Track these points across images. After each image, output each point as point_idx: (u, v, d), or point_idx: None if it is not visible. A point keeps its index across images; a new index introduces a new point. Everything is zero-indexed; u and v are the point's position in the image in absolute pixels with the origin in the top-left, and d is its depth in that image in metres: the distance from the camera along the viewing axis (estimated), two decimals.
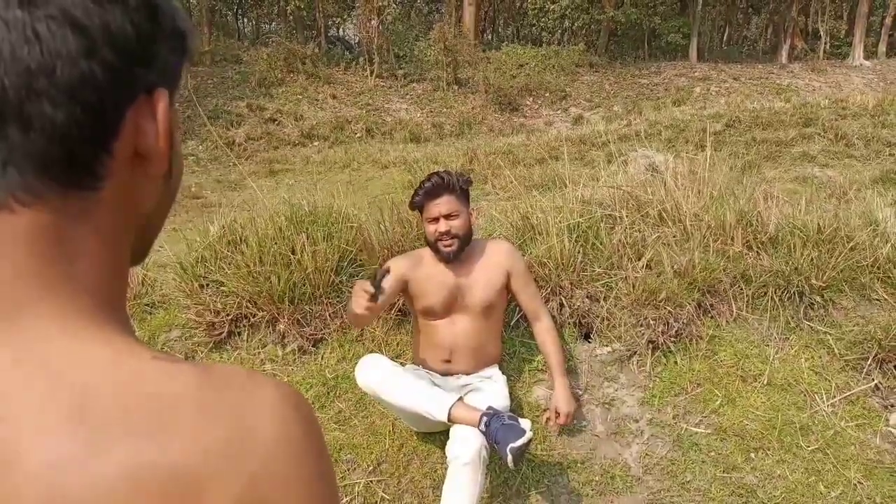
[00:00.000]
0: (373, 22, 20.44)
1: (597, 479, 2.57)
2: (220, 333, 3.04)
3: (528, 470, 2.59)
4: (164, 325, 3.23)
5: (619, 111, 19.87)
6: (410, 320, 2.85)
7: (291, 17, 23.95)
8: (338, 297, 3.09)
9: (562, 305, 3.08)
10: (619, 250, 3.17)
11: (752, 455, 2.66)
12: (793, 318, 3.06)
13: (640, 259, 3.13)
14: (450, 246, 2.37)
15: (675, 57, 26.36)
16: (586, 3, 25.21)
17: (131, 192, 0.50)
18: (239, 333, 3.08)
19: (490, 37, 33.41)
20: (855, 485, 2.52)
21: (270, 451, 0.43)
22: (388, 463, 2.62)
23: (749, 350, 2.98)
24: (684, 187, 3.67)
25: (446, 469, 2.23)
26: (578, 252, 3.17)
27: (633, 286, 3.02)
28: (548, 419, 2.54)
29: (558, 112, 21.32)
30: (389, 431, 2.71)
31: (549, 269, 3.09)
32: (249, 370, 0.49)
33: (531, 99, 21.65)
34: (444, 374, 2.50)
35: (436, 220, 2.37)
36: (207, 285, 3.15)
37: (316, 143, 15.63)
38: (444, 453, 2.28)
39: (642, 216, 3.46)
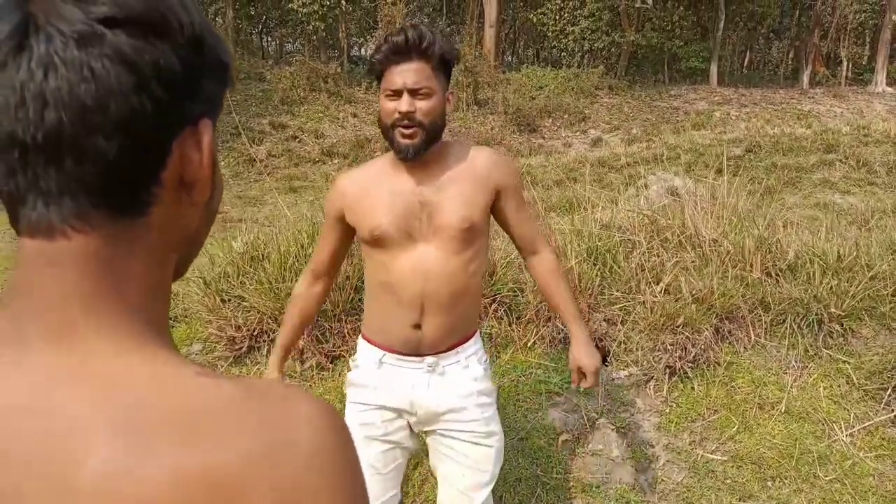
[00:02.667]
0: None
1: (612, 503, 2.57)
2: (241, 348, 3.08)
3: (543, 493, 2.60)
4: (186, 339, 3.28)
5: (637, 134, 19.88)
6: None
7: (314, 37, 24.31)
8: (356, 314, 3.13)
9: None
10: (637, 274, 3.19)
11: (769, 483, 2.64)
12: (811, 346, 3.05)
13: (658, 283, 3.14)
14: (410, 136, 1.58)
15: (695, 81, 26.37)
16: (606, 26, 25.34)
17: (176, 218, 0.53)
18: (259, 348, 3.12)
19: (510, 58, 33.67)
20: None
21: (307, 462, 0.45)
22: (403, 482, 2.63)
23: (767, 377, 2.97)
24: (703, 212, 3.69)
25: None
26: (597, 276, 3.19)
27: (651, 310, 3.03)
28: (576, 381, 1.90)
29: (577, 134, 21.37)
30: None
31: None
32: (287, 384, 0.52)
33: (550, 120, 21.74)
34: (411, 352, 1.73)
35: (396, 94, 1.58)
36: (229, 300, 3.21)
37: (336, 161, 15.78)
38: None
39: (661, 241, 3.47)
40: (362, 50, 31.34)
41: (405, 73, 1.57)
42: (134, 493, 0.42)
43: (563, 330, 3.11)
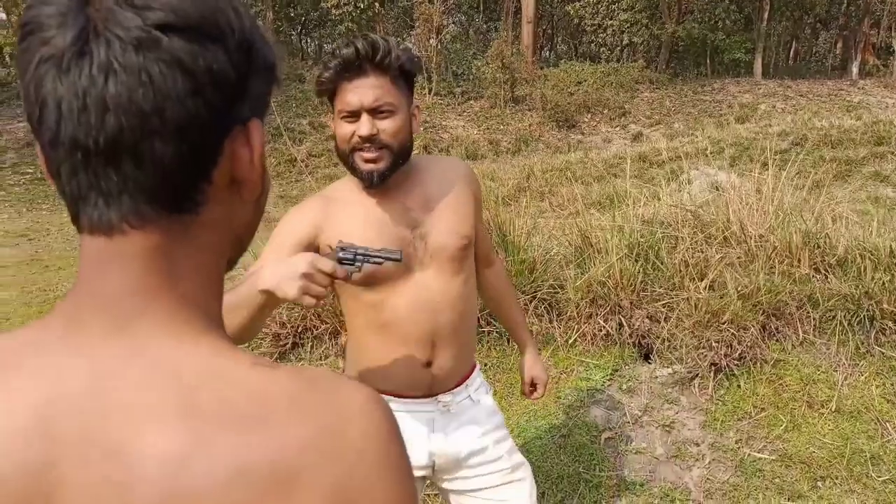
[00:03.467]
0: (431, 41, 20.72)
1: (656, 502, 2.54)
2: (285, 344, 3.13)
3: (586, 490, 2.58)
4: None
5: (680, 128, 19.55)
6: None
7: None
8: None
9: (621, 325, 3.07)
10: (680, 270, 3.14)
11: (819, 484, 2.58)
12: (863, 343, 2.97)
13: (702, 280, 3.09)
14: (374, 161, 1.36)
15: (739, 73, 25.81)
16: (645, 19, 24.97)
17: (228, 214, 0.55)
18: (302, 345, 3.17)
19: (548, 54, 33.43)
20: None
21: (361, 447, 0.47)
22: None
23: (816, 375, 2.91)
24: (749, 207, 3.62)
25: None
26: (639, 272, 3.15)
27: (696, 307, 2.98)
28: (528, 393, 1.81)
29: (617, 129, 21.12)
30: None
31: (609, 289, 3.09)
32: (337, 374, 0.54)
33: (589, 116, 21.53)
34: (423, 393, 1.53)
35: (353, 115, 1.35)
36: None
37: None
38: None
39: (705, 237, 3.42)
40: None
41: (361, 91, 1.33)
42: (191, 478, 0.43)
43: (604, 327, 3.09)
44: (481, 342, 3.15)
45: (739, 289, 2.99)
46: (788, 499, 2.53)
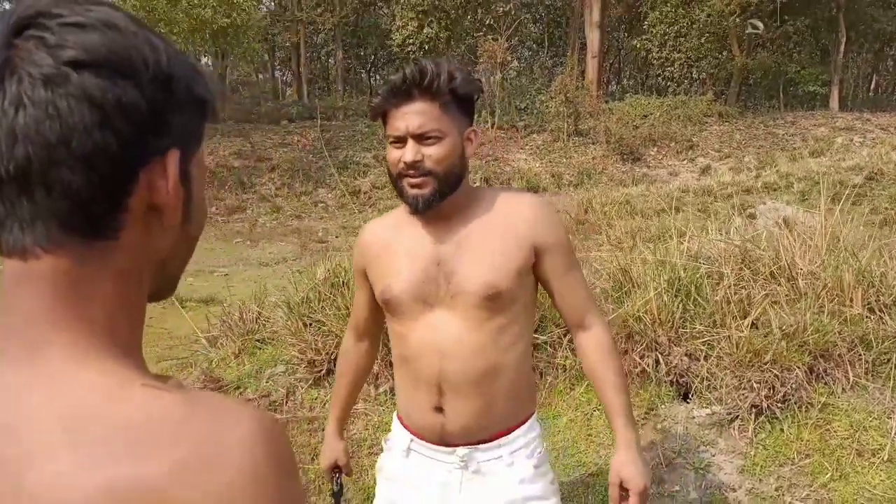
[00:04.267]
0: (495, 77, 20.96)
1: None
2: (320, 371, 3.18)
3: None
4: (271, 360, 3.43)
5: (750, 162, 19.02)
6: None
7: None
8: None
9: (658, 362, 2.98)
10: (722, 308, 3.03)
11: None
12: None
13: (745, 317, 2.98)
14: (419, 186, 1.35)
15: (814, 107, 24.98)
16: (715, 51, 24.54)
17: (147, 240, 0.57)
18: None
19: (615, 88, 33.24)
20: None
21: (234, 482, 0.47)
22: None
23: (867, 421, 2.73)
24: (803, 243, 3.48)
25: None
26: (678, 307, 3.06)
27: (737, 346, 2.87)
28: (616, 497, 1.54)
29: (684, 162, 20.73)
30: None
31: (646, 324, 3.01)
32: (240, 401, 0.55)
33: (655, 149, 21.22)
34: (437, 440, 1.47)
35: (400, 141, 1.36)
36: (311, 324, 3.33)
37: None
38: None
39: (752, 273, 3.30)
40: None
41: (407, 117, 1.33)
42: (71, 501, 0.45)
43: (640, 363, 3.01)
44: None
45: (784, 328, 2.86)
46: None
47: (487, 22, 25.16)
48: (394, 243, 1.46)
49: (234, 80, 22.45)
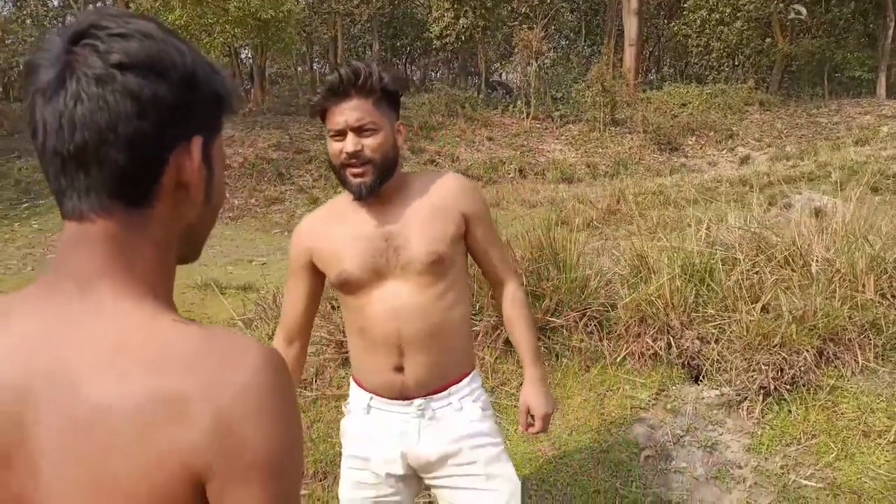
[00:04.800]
0: (531, 66, 20.91)
1: None
2: (346, 351, 3.35)
3: None
4: None
5: (792, 151, 18.65)
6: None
7: (455, 65, 25.12)
8: None
9: (670, 345, 3.07)
10: (734, 292, 3.11)
11: None
12: None
13: (756, 302, 3.05)
14: (361, 175, 1.54)
15: (860, 94, 24.29)
16: (757, 38, 24.03)
17: (176, 211, 0.73)
18: None
19: (654, 77, 32.81)
20: None
21: (241, 393, 0.63)
22: None
23: (875, 404, 2.80)
24: (822, 230, 3.52)
25: None
26: (691, 292, 3.15)
27: (747, 329, 2.95)
28: (523, 425, 1.83)
29: (723, 152, 20.42)
30: None
31: (658, 308, 3.10)
32: (250, 338, 0.70)
33: (694, 139, 20.94)
34: (397, 396, 1.65)
35: (340, 134, 1.54)
36: (337, 307, 3.50)
37: None
38: None
39: (767, 259, 3.36)
40: (501, 75, 31.93)
41: (345, 112, 1.52)
42: (117, 403, 0.61)
43: (652, 346, 3.11)
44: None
45: (793, 311, 2.93)
46: None
47: (523, 11, 25.09)
48: (339, 231, 1.63)
49: (273, 73, 22.86)
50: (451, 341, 1.65)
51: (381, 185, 1.56)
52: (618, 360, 3.12)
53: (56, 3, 24.76)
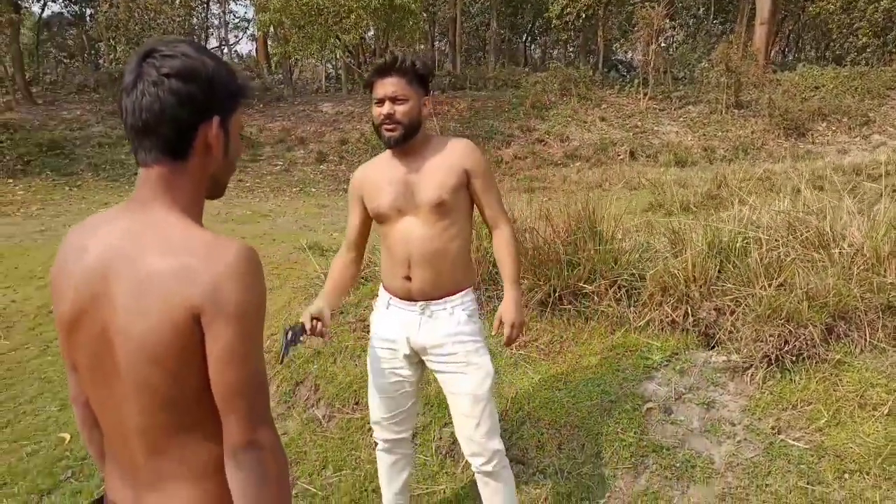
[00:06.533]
0: (651, 45, 20.44)
1: (678, 465, 2.85)
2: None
3: (619, 448, 2.97)
4: (370, 294, 4.19)
5: None
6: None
7: (575, 43, 24.91)
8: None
9: (687, 314, 3.35)
10: (753, 269, 3.33)
11: (846, 476, 2.70)
12: None
13: (774, 279, 3.26)
14: (391, 131, 2.13)
15: None
16: None
17: (205, 163, 1.23)
18: None
19: (791, 58, 30.87)
20: None
21: (227, 270, 1.12)
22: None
23: (877, 379, 2.96)
24: (862, 216, 3.63)
25: None
26: (714, 267, 3.40)
27: (760, 302, 3.18)
28: (496, 328, 2.36)
29: (856, 139, 19.15)
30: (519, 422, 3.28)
31: (679, 280, 3.38)
32: (238, 240, 1.19)
33: (825, 124, 19.75)
34: (406, 298, 2.25)
35: (381, 101, 2.14)
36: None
37: (577, 164, 16.27)
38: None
39: (800, 242, 3.53)
40: (627, 53, 31.20)
41: (385, 86, 2.13)
42: (161, 272, 1.12)
43: (671, 314, 3.39)
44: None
45: (807, 289, 3.12)
46: (808, 482, 2.70)
47: None
48: (379, 176, 2.26)
49: (396, 50, 23.81)
50: (448, 263, 2.23)
51: (405, 141, 2.17)
52: (640, 326, 3.43)
53: None
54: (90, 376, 1.22)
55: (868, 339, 3.06)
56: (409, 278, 2.23)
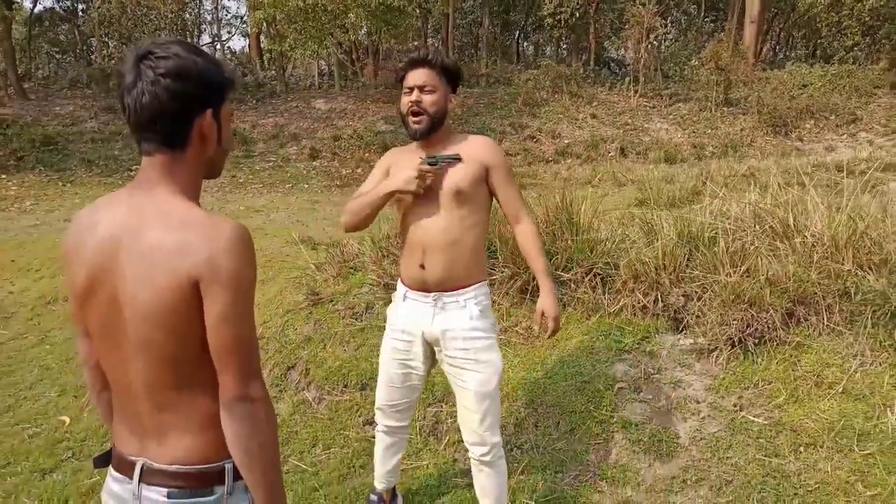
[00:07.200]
0: (642, 43, 20.64)
1: (645, 440, 3.04)
2: (392, 290, 4.04)
3: (591, 424, 3.16)
4: (358, 283, 4.36)
5: None
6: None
7: (567, 41, 25.08)
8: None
9: (657, 300, 3.54)
10: (720, 257, 3.52)
11: (801, 449, 2.89)
12: (888, 337, 3.14)
13: (739, 266, 3.45)
14: (418, 122, 2.24)
15: None
16: (894, 15, 22.33)
17: (200, 152, 1.39)
18: None
19: (780, 56, 31.16)
20: (894, 490, 2.65)
21: (223, 245, 1.28)
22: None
23: (832, 360, 3.15)
24: (829, 207, 3.82)
25: None
26: (684, 255, 3.59)
27: (725, 288, 3.37)
28: (538, 321, 2.43)
29: (843, 137, 19.41)
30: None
31: (650, 268, 3.57)
32: (233, 220, 1.36)
33: (812, 122, 20.01)
34: (421, 288, 2.32)
35: (410, 91, 2.25)
36: (388, 255, 4.20)
37: (568, 161, 16.46)
38: None
39: (762, 230, 3.72)
40: (618, 51, 31.40)
41: (416, 76, 2.25)
42: (161, 246, 1.29)
43: (643, 300, 3.58)
44: None
45: (768, 275, 3.31)
46: (766, 455, 2.89)
47: None
48: (404, 160, 2.34)
49: (389, 47, 23.91)
50: (463, 253, 2.28)
51: (430, 132, 2.28)
52: (614, 311, 3.62)
53: None
54: (101, 340, 1.38)
55: (826, 323, 3.25)
56: (423, 266, 2.28)
